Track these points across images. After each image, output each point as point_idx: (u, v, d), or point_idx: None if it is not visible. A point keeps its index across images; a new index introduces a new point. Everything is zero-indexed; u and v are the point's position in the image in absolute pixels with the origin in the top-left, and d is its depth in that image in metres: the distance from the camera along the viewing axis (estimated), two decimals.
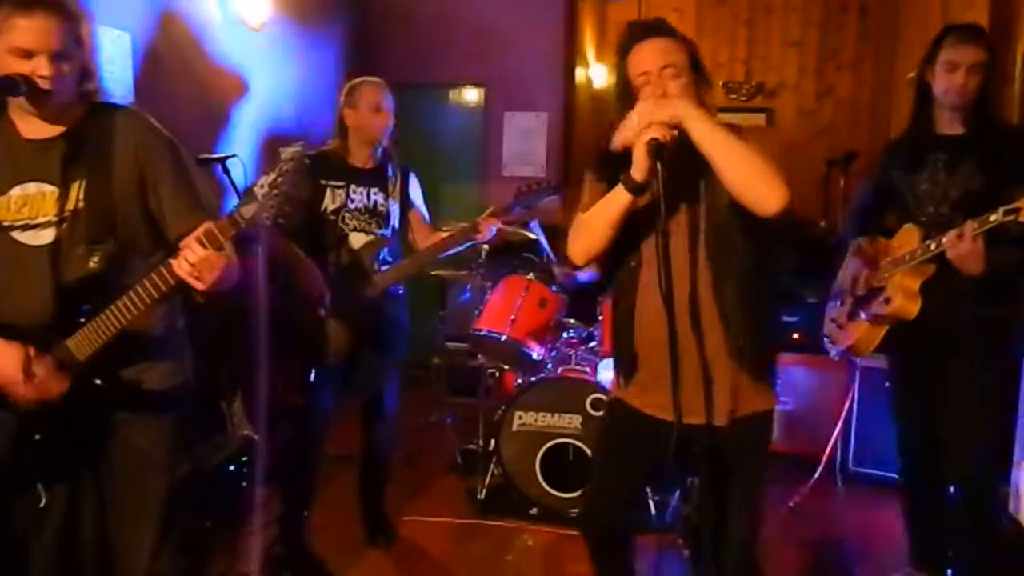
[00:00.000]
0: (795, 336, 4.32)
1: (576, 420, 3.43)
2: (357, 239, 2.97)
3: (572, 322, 3.85)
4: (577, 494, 3.41)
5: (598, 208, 1.87)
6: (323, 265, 2.90)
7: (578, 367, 3.68)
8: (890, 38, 5.44)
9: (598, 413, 3.40)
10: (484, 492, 3.59)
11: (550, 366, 3.65)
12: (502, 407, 3.54)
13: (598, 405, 3.40)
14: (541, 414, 3.47)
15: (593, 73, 5.95)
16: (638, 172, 1.73)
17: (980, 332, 2.42)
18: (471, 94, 5.75)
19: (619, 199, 1.80)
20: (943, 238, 2.27)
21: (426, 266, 3.17)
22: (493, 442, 3.52)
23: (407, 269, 3.05)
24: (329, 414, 3.04)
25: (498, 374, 4.11)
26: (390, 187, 3.06)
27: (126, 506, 1.93)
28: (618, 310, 2.02)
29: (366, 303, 2.95)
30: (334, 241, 2.94)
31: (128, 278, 1.77)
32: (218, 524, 3.06)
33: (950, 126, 2.47)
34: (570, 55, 5.67)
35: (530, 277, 3.61)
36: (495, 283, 3.68)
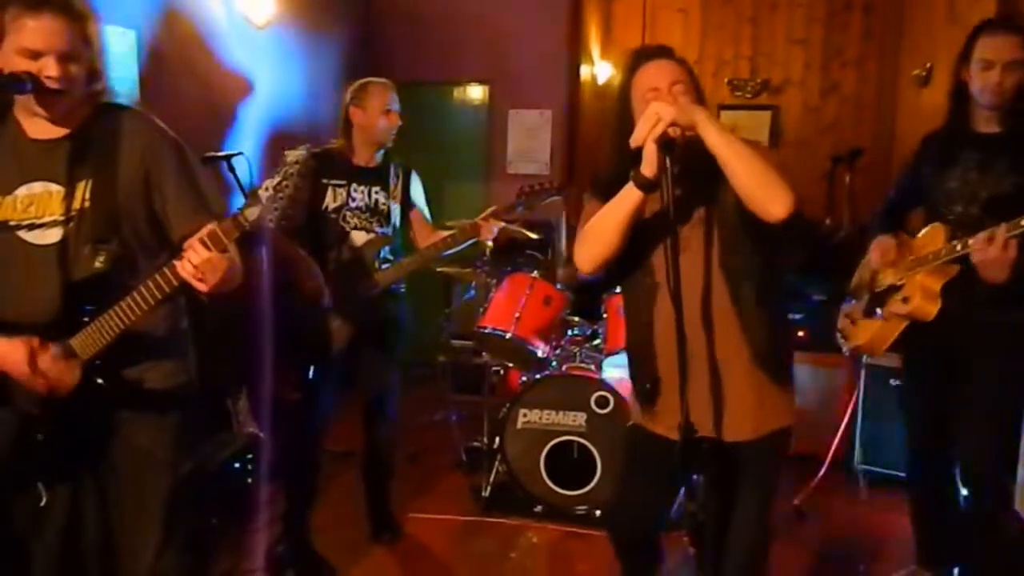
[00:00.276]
0: (800, 334, 4.31)
1: (581, 418, 3.43)
2: (358, 237, 2.97)
3: (576, 320, 3.85)
4: (582, 492, 3.42)
5: (605, 211, 1.85)
6: (324, 263, 2.91)
7: (582, 365, 3.68)
8: (895, 35, 5.42)
9: (603, 411, 3.41)
10: (489, 490, 3.59)
11: (554, 364, 3.65)
12: (507, 405, 3.54)
13: (603, 403, 3.40)
14: (546, 412, 3.47)
15: (598, 70, 5.94)
16: (648, 168, 1.73)
17: (997, 337, 2.36)
18: (475, 92, 5.75)
19: (628, 198, 1.79)
20: (970, 240, 2.18)
21: (426, 264, 3.18)
22: (498, 440, 3.53)
23: (408, 267, 3.05)
24: (330, 411, 3.05)
25: (503, 372, 4.12)
26: (391, 186, 3.06)
27: (129, 505, 1.93)
28: (635, 334, 1.99)
29: (367, 301, 2.96)
30: (335, 239, 2.94)
31: (133, 278, 1.77)
32: (223, 522, 3.07)
33: (986, 124, 2.38)
34: (575, 52, 5.66)
35: (535, 275, 3.61)
36: (500, 281, 3.68)
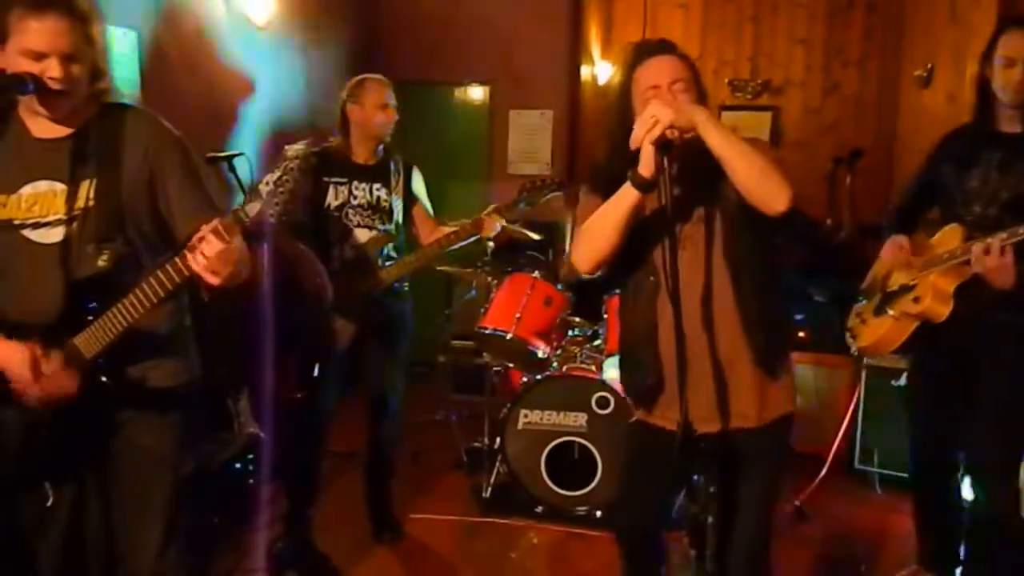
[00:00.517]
0: (801, 334, 4.31)
1: (581, 418, 3.43)
2: (361, 235, 2.97)
3: (577, 320, 3.85)
4: (582, 492, 3.42)
5: (603, 210, 1.85)
6: (328, 261, 2.91)
7: (583, 365, 3.67)
8: (896, 35, 5.42)
9: (603, 411, 3.41)
10: (489, 490, 3.59)
11: (555, 364, 3.65)
12: (507, 405, 3.54)
13: (603, 403, 3.40)
14: (546, 412, 3.47)
15: (598, 70, 5.94)
16: (646, 169, 1.73)
17: (1008, 339, 2.33)
18: (477, 92, 5.75)
19: (625, 198, 1.79)
20: (973, 249, 2.17)
21: (430, 261, 3.18)
22: (498, 440, 3.52)
23: (411, 264, 3.06)
24: (333, 410, 3.05)
25: (503, 372, 4.11)
26: (393, 182, 3.07)
27: (132, 504, 1.93)
28: (635, 333, 1.98)
29: (370, 298, 2.96)
30: (338, 237, 2.95)
31: (136, 277, 1.77)
32: (224, 521, 3.07)
33: (1009, 123, 2.35)
34: (575, 53, 5.66)
35: (535, 275, 3.61)
36: (500, 281, 3.68)
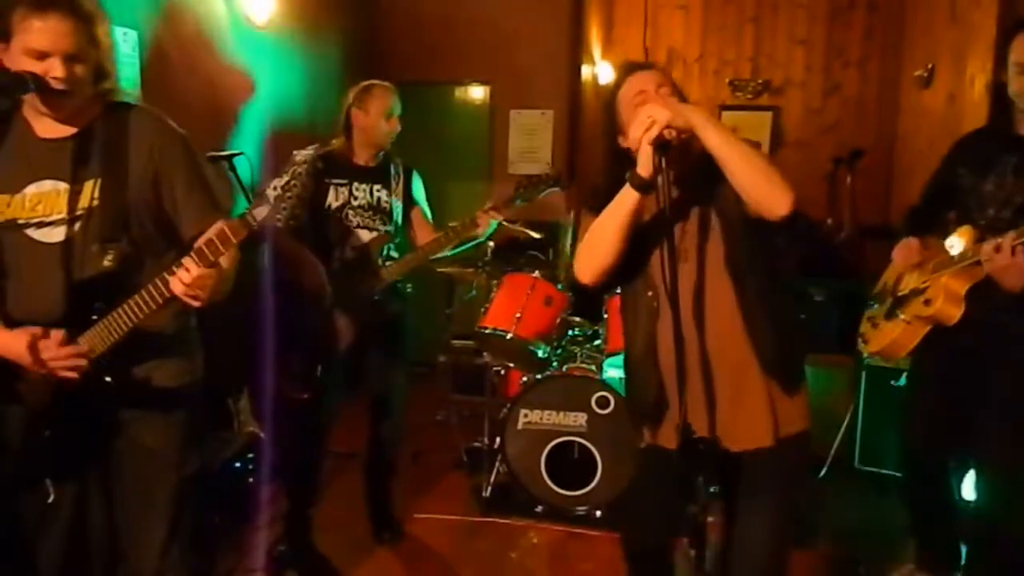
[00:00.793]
0: None
1: (581, 418, 3.43)
2: (361, 235, 2.98)
3: (577, 320, 3.85)
4: (582, 492, 3.42)
5: (604, 216, 1.82)
6: (328, 261, 2.91)
7: (583, 365, 3.68)
8: (896, 35, 5.42)
9: (603, 411, 3.40)
10: (489, 490, 3.59)
11: (555, 364, 3.65)
12: (507, 405, 3.54)
13: (604, 403, 3.40)
14: (546, 412, 3.47)
15: (599, 70, 5.94)
16: (644, 169, 1.72)
17: (1019, 341, 2.30)
18: (477, 92, 5.75)
19: (625, 200, 1.78)
20: (982, 251, 2.15)
21: (429, 260, 3.17)
22: (498, 440, 3.52)
23: (411, 264, 3.05)
24: (335, 410, 3.05)
25: (503, 372, 4.11)
26: (393, 184, 3.07)
27: (136, 504, 1.93)
28: (635, 349, 1.93)
29: (371, 298, 2.96)
30: (339, 237, 2.95)
31: (141, 277, 1.78)
32: (225, 521, 3.07)
33: None
34: (576, 52, 5.66)
35: (536, 275, 3.60)
36: (501, 281, 3.68)
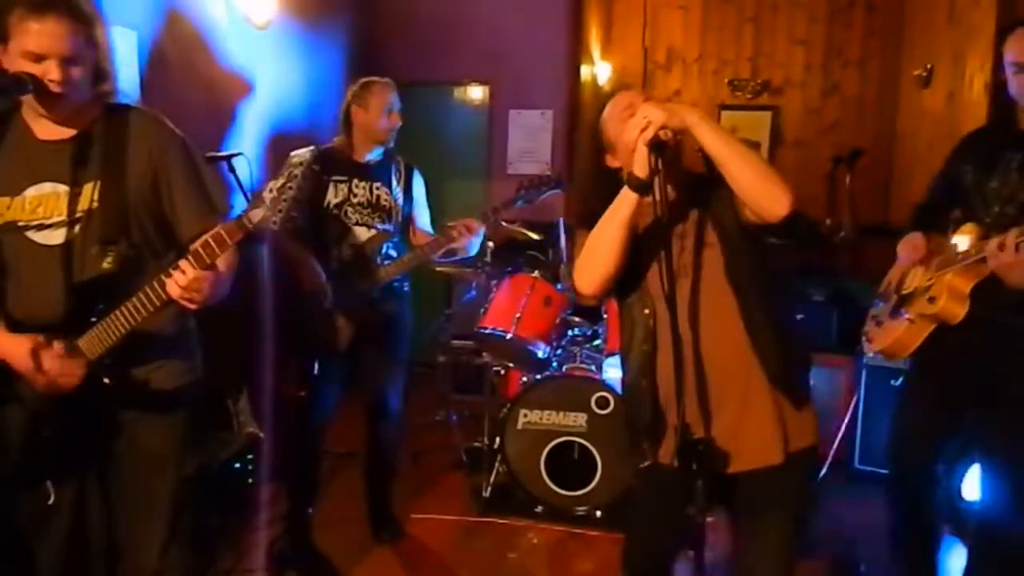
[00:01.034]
0: None
1: (581, 418, 3.43)
2: (360, 233, 2.98)
3: (577, 320, 3.85)
4: (582, 492, 3.42)
5: (603, 222, 1.81)
6: (326, 259, 2.92)
7: (583, 365, 3.68)
8: (896, 34, 5.42)
9: (603, 411, 3.41)
10: (489, 490, 3.59)
11: (555, 364, 3.65)
12: (507, 405, 3.55)
13: (603, 403, 3.40)
14: (546, 412, 3.47)
15: (598, 70, 5.94)
16: (640, 169, 1.71)
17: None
18: (476, 92, 5.75)
19: (623, 203, 1.77)
20: (987, 247, 2.13)
21: (427, 261, 3.16)
22: (498, 440, 3.52)
23: (409, 263, 3.05)
24: (332, 409, 3.05)
25: (503, 372, 4.12)
26: (394, 182, 3.07)
27: (135, 504, 1.93)
28: (632, 364, 1.90)
29: (369, 297, 2.96)
30: (337, 235, 2.95)
31: (141, 278, 1.78)
32: (224, 521, 3.08)
33: None
34: (575, 53, 5.66)
35: (535, 275, 3.60)
36: (500, 281, 3.68)
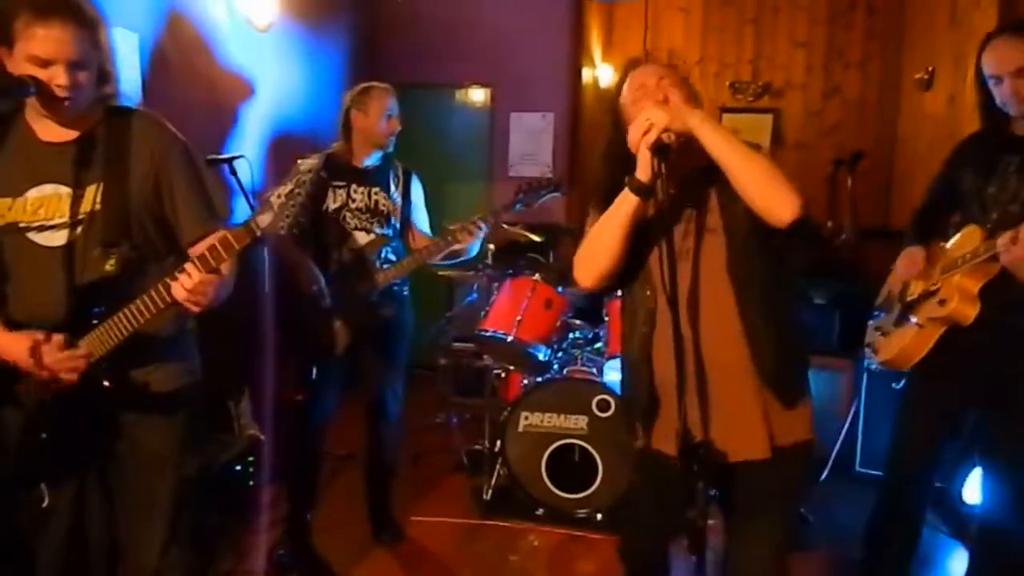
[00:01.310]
0: None
1: (582, 421, 3.43)
2: (359, 237, 2.98)
3: (578, 323, 3.84)
4: (583, 495, 3.42)
5: (603, 220, 1.80)
6: (326, 264, 2.92)
7: (584, 368, 3.67)
8: (897, 37, 5.42)
9: (604, 414, 3.40)
10: (490, 492, 3.59)
11: (556, 367, 3.65)
12: (508, 408, 3.54)
13: (604, 406, 3.40)
14: (547, 415, 3.47)
15: (600, 73, 5.94)
16: (643, 173, 1.70)
17: None
18: (478, 95, 5.76)
19: (624, 204, 1.76)
20: (999, 243, 2.11)
21: (426, 264, 3.16)
22: (499, 443, 3.52)
23: (408, 267, 3.05)
24: (331, 411, 3.06)
25: (504, 375, 4.11)
26: (392, 186, 3.07)
27: (135, 504, 1.94)
28: (631, 349, 1.90)
29: (368, 302, 2.96)
30: (337, 240, 2.96)
31: (142, 281, 1.79)
32: (224, 523, 3.08)
33: (1022, 128, 2.31)
34: (576, 56, 5.66)
35: (536, 278, 3.60)
36: (501, 284, 3.68)
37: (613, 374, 3.57)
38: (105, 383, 1.80)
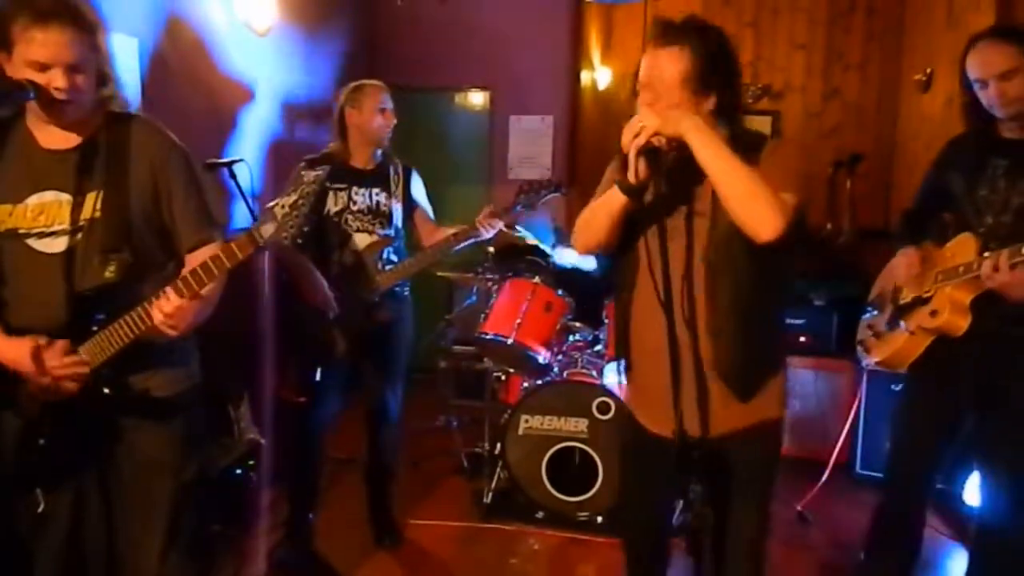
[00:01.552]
0: (802, 339, 4.31)
1: (582, 424, 3.43)
2: (361, 240, 2.99)
3: (578, 325, 3.84)
4: (583, 498, 3.42)
5: (597, 205, 1.88)
6: (327, 266, 2.93)
7: (584, 370, 3.67)
8: (896, 39, 5.43)
9: (604, 417, 3.40)
10: (490, 495, 3.59)
11: (556, 369, 3.65)
12: (508, 410, 3.54)
13: (604, 408, 3.40)
14: (547, 418, 3.47)
15: (599, 76, 5.94)
16: (631, 174, 1.71)
17: None
18: (477, 98, 5.76)
19: (614, 200, 1.79)
20: (981, 269, 2.13)
21: (430, 265, 3.18)
22: (499, 445, 3.52)
23: (411, 268, 3.06)
24: (332, 414, 3.06)
25: (504, 377, 4.11)
26: (392, 186, 3.08)
27: (134, 509, 1.94)
28: (617, 311, 2.01)
29: (370, 304, 2.97)
30: (338, 242, 2.96)
31: (142, 287, 1.80)
32: (225, 527, 3.07)
33: (1010, 131, 2.30)
34: (575, 58, 5.67)
35: (536, 281, 3.61)
36: (501, 286, 3.68)
37: (613, 376, 3.56)
38: (105, 390, 1.80)
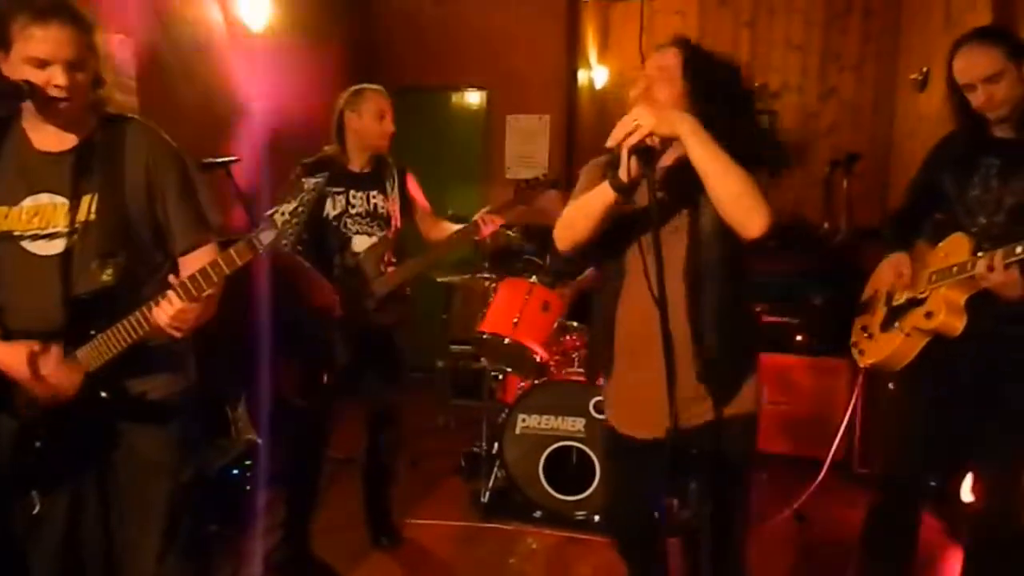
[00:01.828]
0: (798, 338, 4.31)
1: (580, 423, 3.43)
2: (360, 242, 2.99)
3: (575, 324, 3.85)
4: (581, 497, 3.42)
5: (582, 201, 1.86)
6: (328, 270, 2.92)
7: (581, 369, 3.67)
8: (892, 39, 5.44)
9: (601, 416, 3.39)
10: (488, 495, 3.59)
11: (553, 369, 3.65)
12: (505, 410, 3.55)
13: (602, 407, 3.40)
14: (544, 417, 3.47)
15: (595, 75, 5.96)
16: (623, 172, 1.71)
17: None
18: (474, 97, 5.76)
19: (601, 196, 1.78)
20: (976, 269, 2.13)
21: (431, 266, 3.18)
22: (496, 445, 3.52)
23: (411, 270, 3.06)
24: (333, 417, 3.06)
25: (501, 377, 4.12)
26: (388, 188, 3.08)
27: (131, 511, 1.93)
28: (596, 328, 2.00)
29: (371, 306, 2.97)
30: (338, 246, 2.96)
31: (138, 291, 1.79)
32: (222, 528, 3.07)
33: (1002, 131, 2.29)
34: (572, 58, 5.68)
35: (533, 280, 3.61)
36: (498, 286, 3.68)
37: None
38: (102, 394, 1.79)
